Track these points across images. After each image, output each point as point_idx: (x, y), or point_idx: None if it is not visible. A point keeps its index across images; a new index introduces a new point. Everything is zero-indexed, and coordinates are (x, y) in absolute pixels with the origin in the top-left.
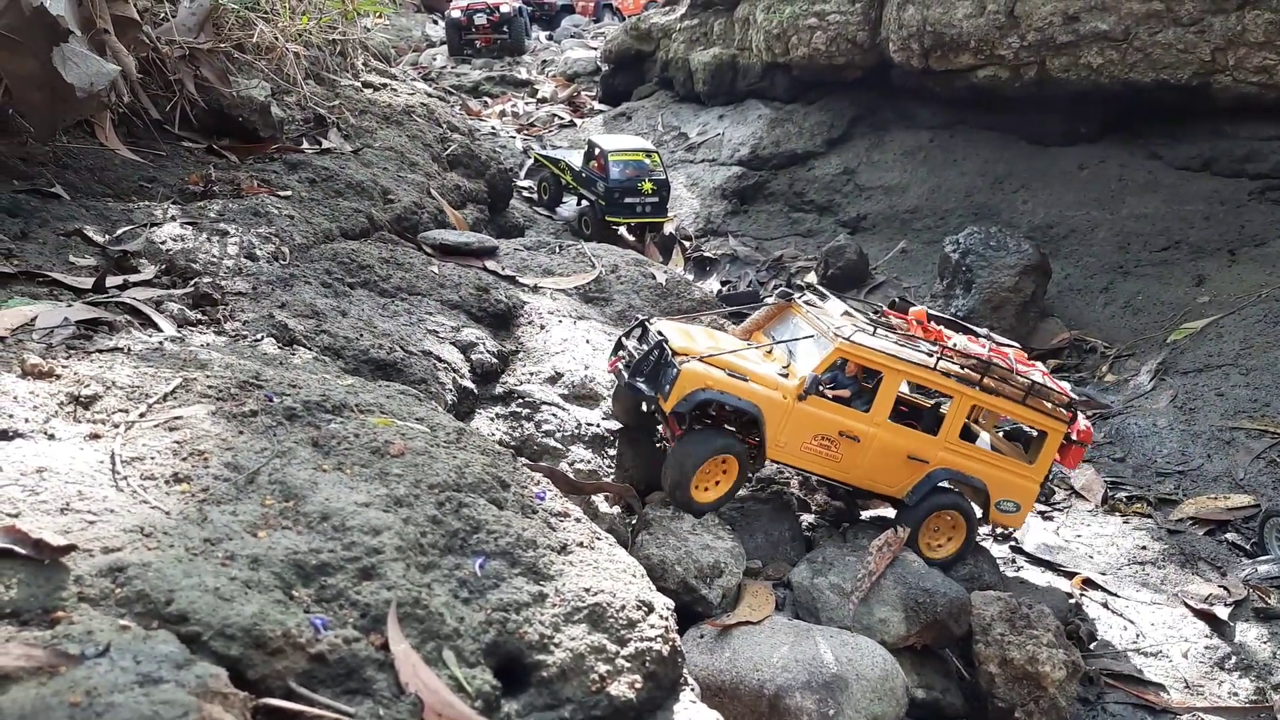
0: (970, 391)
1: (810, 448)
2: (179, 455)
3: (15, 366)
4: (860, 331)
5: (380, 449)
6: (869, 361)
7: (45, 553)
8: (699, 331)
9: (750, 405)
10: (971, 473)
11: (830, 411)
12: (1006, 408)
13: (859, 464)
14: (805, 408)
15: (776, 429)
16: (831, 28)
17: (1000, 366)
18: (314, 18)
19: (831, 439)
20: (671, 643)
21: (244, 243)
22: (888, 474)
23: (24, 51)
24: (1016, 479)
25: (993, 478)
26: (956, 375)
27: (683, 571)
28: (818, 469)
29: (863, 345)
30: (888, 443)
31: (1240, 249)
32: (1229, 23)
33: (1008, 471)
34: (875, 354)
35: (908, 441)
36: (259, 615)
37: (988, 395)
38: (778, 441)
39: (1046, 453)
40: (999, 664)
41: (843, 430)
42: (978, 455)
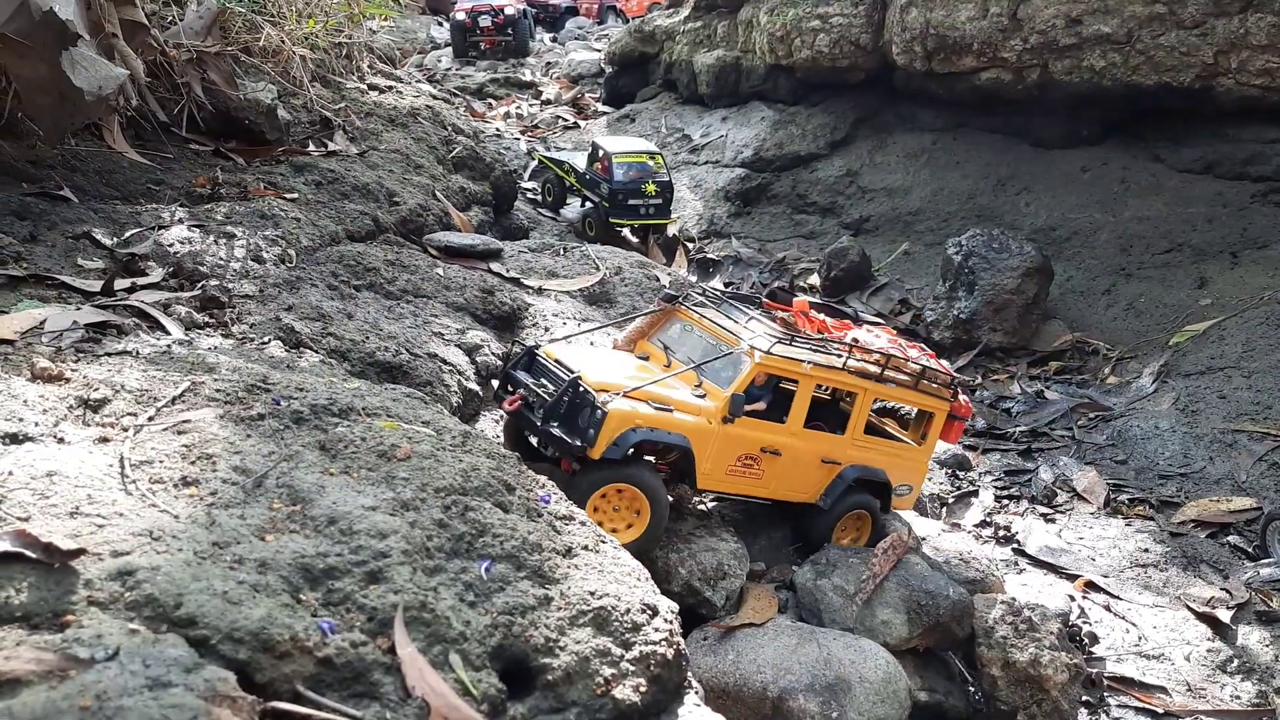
0: (873, 386)
1: (735, 470)
2: (187, 459)
3: (25, 370)
4: (779, 343)
5: (387, 453)
6: (789, 372)
7: (55, 556)
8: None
9: (680, 438)
10: (876, 465)
11: (752, 429)
12: (902, 395)
13: (780, 477)
14: (730, 429)
15: (703, 457)
16: (834, 30)
17: (897, 356)
18: (320, 21)
19: (755, 457)
20: (676, 646)
21: (251, 245)
22: (804, 481)
23: (33, 56)
24: (909, 463)
25: (891, 466)
26: (863, 373)
27: (686, 574)
28: (741, 490)
29: (782, 357)
30: (804, 450)
31: (1243, 252)
32: (1231, 26)
33: (902, 457)
34: (794, 364)
35: (820, 445)
36: (267, 619)
37: (887, 386)
38: (704, 469)
39: (934, 432)
40: (1001, 667)
41: (764, 446)
42: (878, 446)
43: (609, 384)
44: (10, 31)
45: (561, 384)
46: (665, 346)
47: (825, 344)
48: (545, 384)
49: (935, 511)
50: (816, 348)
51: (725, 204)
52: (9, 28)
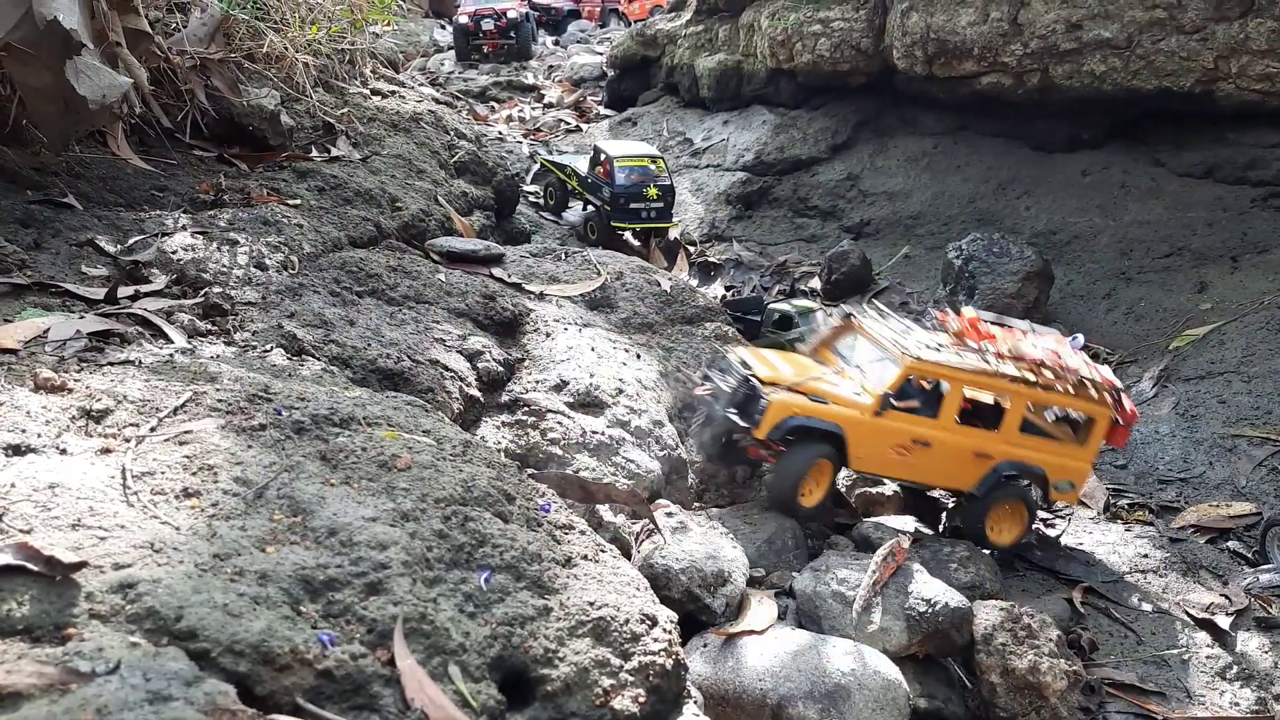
0: (1026, 390)
1: (887, 456)
2: (189, 470)
3: (28, 380)
4: (926, 348)
5: (387, 463)
6: (936, 375)
7: (57, 569)
8: (776, 357)
9: (834, 426)
10: (1032, 462)
11: (904, 422)
12: (1059, 400)
13: (931, 466)
14: (881, 422)
15: (857, 444)
16: (836, 34)
17: (1050, 366)
18: (323, 27)
19: (906, 447)
20: (675, 656)
21: (254, 252)
22: (957, 472)
23: (38, 64)
24: (1071, 461)
25: (1050, 464)
26: (1013, 378)
27: (687, 580)
28: (895, 474)
29: (929, 361)
30: (956, 444)
31: (1243, 256)
32: (1232, 30)
33: (1063, 456)
34: (941, 368)
35: (973, 440)
36: (267, 631)
37: (1042, 392)
38: (858, 455)
39: (1095, 436)
40: (1001, 673)
41: (915, 438)
42: (1036, 445)
43: (777, 379)
44: (15, 40)
45: (740, 379)
46: (840, 354)
47: (980, 352)
48: (730, 379)
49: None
50: (967, 355)
51: (726, 207)
52: (13, 36)
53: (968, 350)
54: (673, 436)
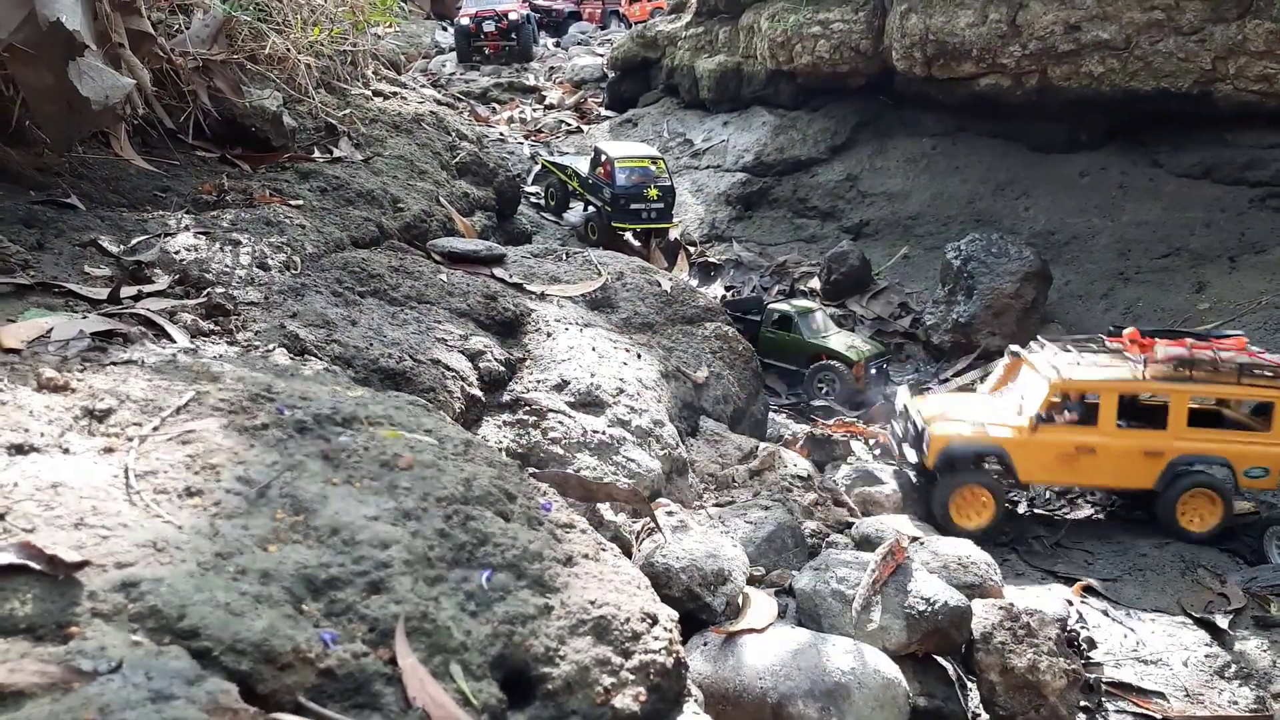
0: (1184, 388)
1: (1055, 466)
2: (191, 469)
3: (31, 380)
4: (1069, 366)
5: (389, 462)
6: (1083, 388)
7: (59, 568)
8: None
9: (994, 447)
10: (1211, 453)
11: (1063, 434)
12: (1227, 391)
13: (1102, 469)
14: (1040, 437)
15: (1021, 459)
16: (835, 36)
17: (1203, 360)
18: (325, 29)
19: (1069, 455)
20: (675, 654)
21: (256, 252)
22: (1131, 471)
23: (40, 65)
24: (1259, 448)
25: (1234, 453)
26: (1166, 378)
27: (687, 579)
28: (1066, 480)
29: (1071, 378)
30: (1122, 447)
31: (1241, 256)
32: (1230, 32)
33: (1248, 444)
34: (1085, 382)
35: (1140, 441)
36: (269, 630)
37: (1202, 385)
38: (1025, 468)
39: (1278, 419)
40: (1000, 672)
41: (1078, 446)
42: (1215, 437)
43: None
44: (17, 41)
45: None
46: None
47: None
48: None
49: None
50: (1111, 364)
51: (726, 208)
52: (16, 37)
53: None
54: (673, 436)
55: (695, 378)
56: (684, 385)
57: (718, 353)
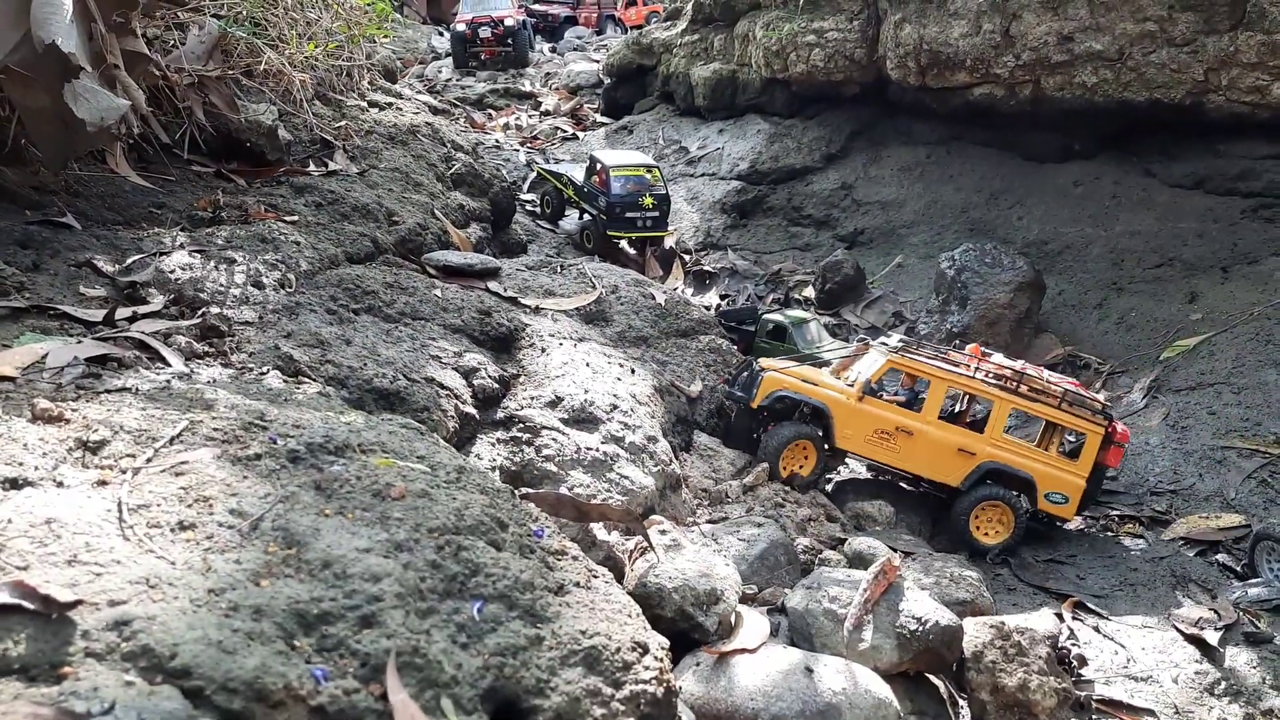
0: (1008, 397)
1: (872, 439)
2: (184, 501)
3: (26, 410)
4: (908, 348)
5: (381, 492)
6: (917, 370)
7: (53, 607)
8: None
9: (819, 403)
10: (1018, 466)
11: (887, 410)
12: (1045, 412)
13: (915, 454)
14: (865, 407)
15: (842, 423)
16: (830, 45)
17: (1033, 377)
18: (321, 43)
19: (889, 433)
20: (666, 684)
21: (251, 270)
22: (942, 464)
23: (36, 87)
24: (1063, 474)
25: (1039, 472)
26: (994, 383)
27: (680, 599)
28: (879, 457)
29: (909, 357)
30: (938, 437)
31: (1233, 267)
32: (1222, 43)
33: (1053, 467)
34: (921, 364)
35: (956, 437)
36: (261, 668)
37: (1026, 401)
38: (844, 434)
39: (1088, 452)
40: (991, 691)
41: (899, 426)
42: (1023, 451)
43: (775, 366)
44: (13, 63)
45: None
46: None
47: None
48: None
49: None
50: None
51: (721, 216)
52: (12, 59)
53: (959, 364)
54: (666, 452)
55: (689, 392)
56: (678, 400)
57: (711, 366)
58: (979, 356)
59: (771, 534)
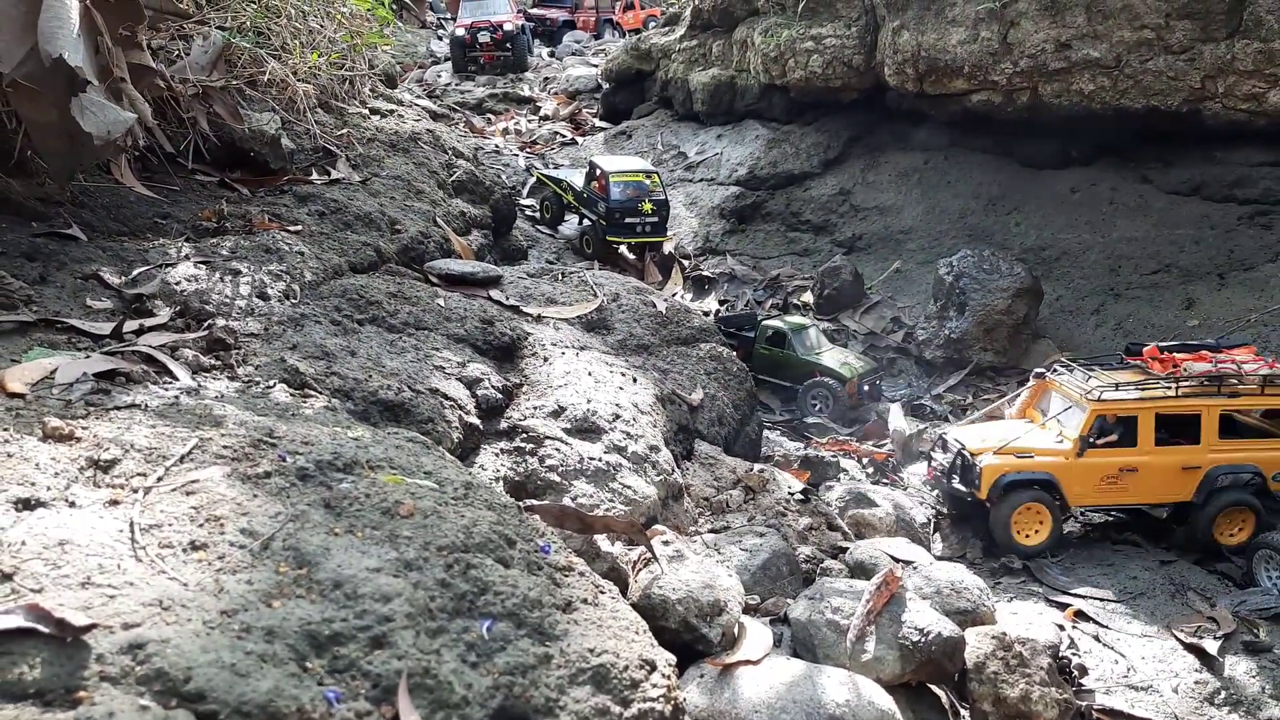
0: (1214, 402)
1: (1101, 488)
2: (195, 521)
3: (37, 429)
4: (1107, 389)
5: (390, 509)
6: (1121, 410)
7: (67, 631)
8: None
9: (1044, 475)
10: (1242, 462)
11: (1106, 457)
12: (1253, 402)
13: (1144, 488)
14: (1085, 461)
15: (1069, 483)
16: (828, 51)
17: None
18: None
19: (1114, 476)
20: (674, 702)
21: (256, 281)
22: (1171, 486)
23: (43, 100)
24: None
25: (1263, 459)
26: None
27: (684, 611)
28: (1113, 501)
29: (1112, 400)
30: (1161, 464)
31: (1229, 273)
32: (1219, 51)
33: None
34: (1125, 403)
35: (1177, 457)
36: (274, 691)
37: (1231, 399)
38: (1073, 492)
39: None
40: (993, 702)
41: (1122, 467)
42: (1243, 446)
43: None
44: (20, 76)
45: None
46: (1042, 411)
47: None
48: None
49: (927, 539)
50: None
51: (720, 221)
52: (19, 73)
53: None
54: (669, 461)
55: (690, 400)
56: (679, 408)
57: (712, 373)
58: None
59: (773, 544)
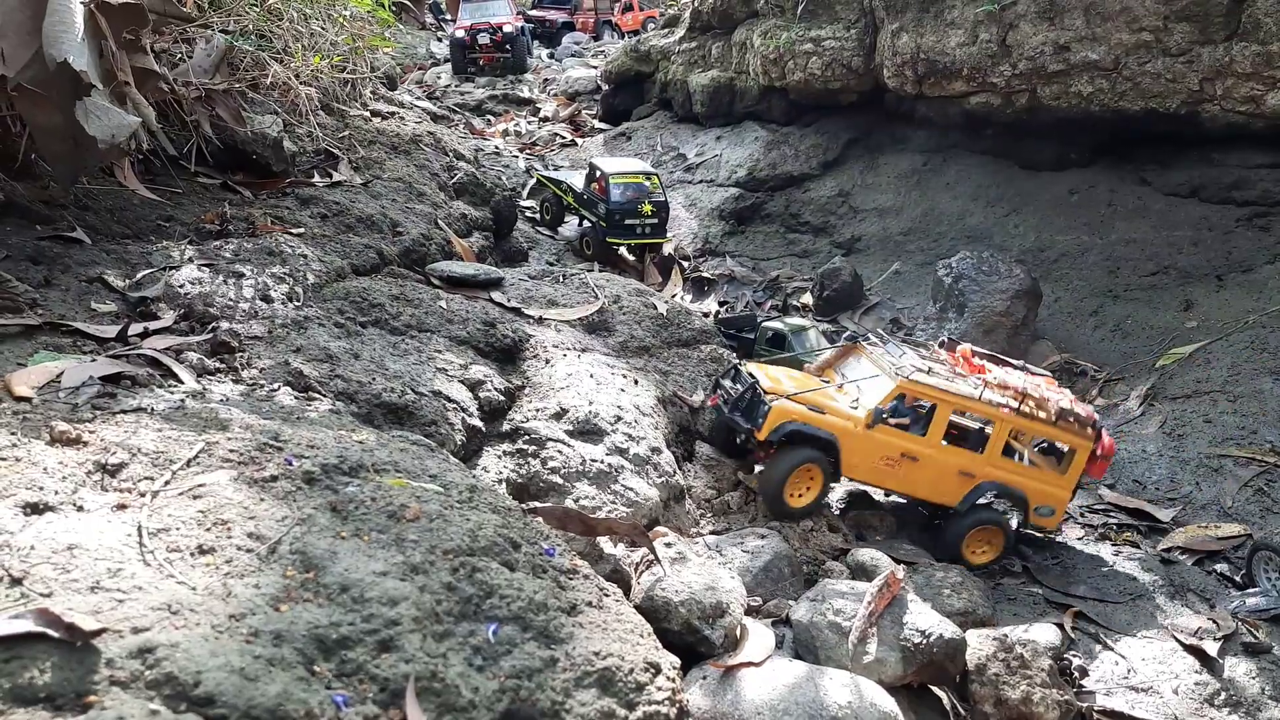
0: (1010, 417)
1: (878, 466)
2: (203, 525)
3: (44, 433)
4: (918, 370)
5: (396, 513)
6: (925, 395)
7: (77, 635)
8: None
9: (828, 434)
10: (1013, 485)
11: (894, 437)
12: (1041, 430)
13: (919, 479)
14: (873, 434)
15: (850, 453)
16: (827, 54)
17: (1033, 396)
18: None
19: (895, 459)
20: (678, 704)
21: (259, 284)
22: (943, 487)
23: (48, 105)
24: (1051, 488)
25: (1030, 488)
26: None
27: (686, 613)
28: (884, 484)
29: (920, 382)
30: (942, 461)
31: (1228, 275)
32: (1217, 54)
33: (1043, 483)
34: (930, 389)
35: (959, 460)
36: (283, 694)
37: (1025, 420)
38: (851, 463)
39: (1076, 465)
40: (994, 704)
41: (904, 452)
42: (1018, 470)
43: (779, 390)
44: (25, 80)
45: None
46: (842, 374)
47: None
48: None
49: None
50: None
51: (720, 223)
52: (24, 76)
53: (958, 378)
54: (670, 463)
55: (691, 402)
56: (680, 410)
57: (713, 375)
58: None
59: (775, 545)
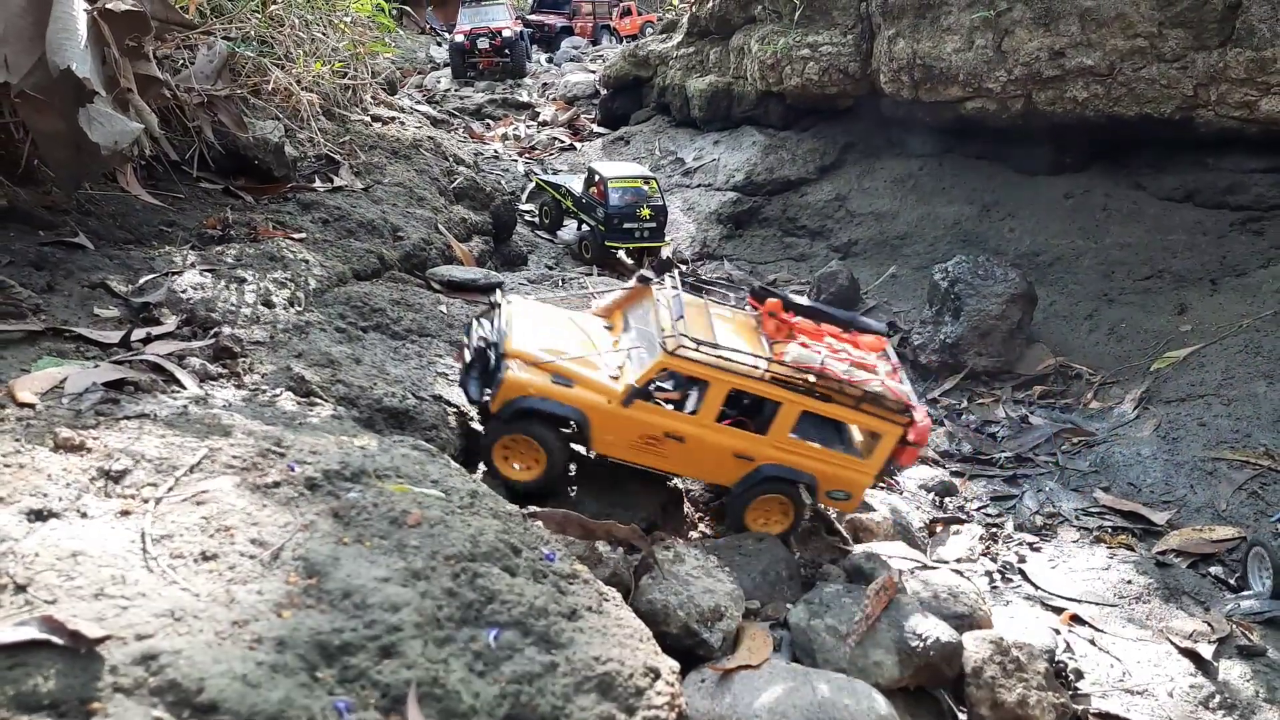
0: (799, 399)
1: (636, 444)
2: (206, 531)
3: (48, 439)
4: (684, 345)
5: (398, 519)
6: (694, 372)
7: (81, 642)
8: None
9: (573, 411)
10: (800, 468)
11: (655, 415)
12: (840, 413)
13: (686, 459)
14: (630, 412)
15: (602, 430)
16: (824, 59)
17: (832, 377)
18: (327, 61)
19: (657, 439)
20: (678, 709)
21: (261, 289)
22: (716, 469)
23: (51, 111)
24: (848, 472)
25: (822, 472)
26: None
27: (684, 616)
28: (644, 462)
29: (686, 358)
30: (714, 442)
31: (1222, 279)
32: (1211, 59)
33: (838, 466)
34: (699, 366)
35: (735, 441)
36: (285, 701)
37: (819, 402)
38: (603, 439)
39: (880, 451)
40: (990, 707)
41: (668, 431)
42: (807, 452)
43: (524, 353)
44: (29, 87)
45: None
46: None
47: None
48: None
49: (923, 542)
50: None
51: (717, 226)
52: (27, 83)
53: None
54: None
55: None
56: None
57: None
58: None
59: (772, 548)
